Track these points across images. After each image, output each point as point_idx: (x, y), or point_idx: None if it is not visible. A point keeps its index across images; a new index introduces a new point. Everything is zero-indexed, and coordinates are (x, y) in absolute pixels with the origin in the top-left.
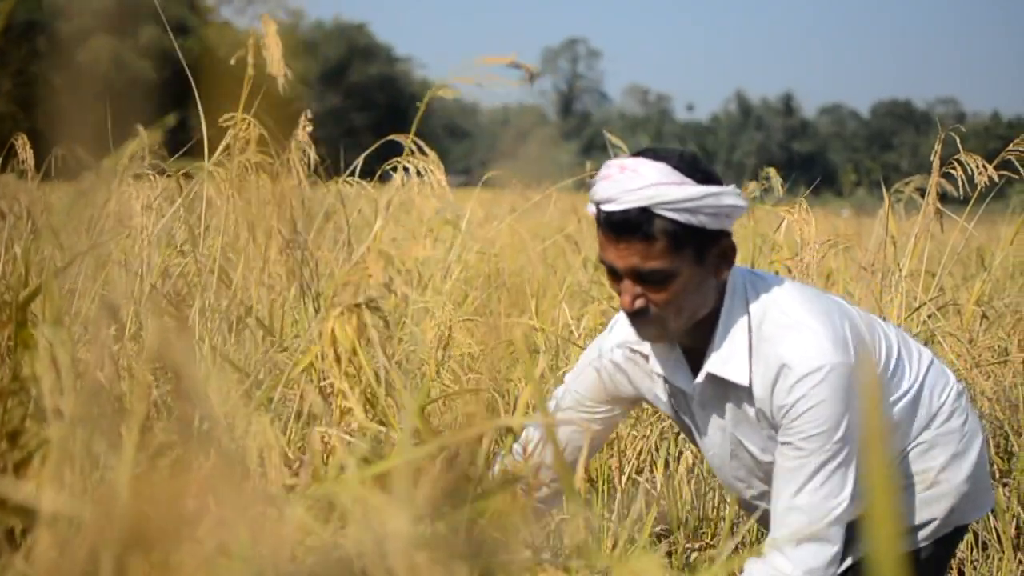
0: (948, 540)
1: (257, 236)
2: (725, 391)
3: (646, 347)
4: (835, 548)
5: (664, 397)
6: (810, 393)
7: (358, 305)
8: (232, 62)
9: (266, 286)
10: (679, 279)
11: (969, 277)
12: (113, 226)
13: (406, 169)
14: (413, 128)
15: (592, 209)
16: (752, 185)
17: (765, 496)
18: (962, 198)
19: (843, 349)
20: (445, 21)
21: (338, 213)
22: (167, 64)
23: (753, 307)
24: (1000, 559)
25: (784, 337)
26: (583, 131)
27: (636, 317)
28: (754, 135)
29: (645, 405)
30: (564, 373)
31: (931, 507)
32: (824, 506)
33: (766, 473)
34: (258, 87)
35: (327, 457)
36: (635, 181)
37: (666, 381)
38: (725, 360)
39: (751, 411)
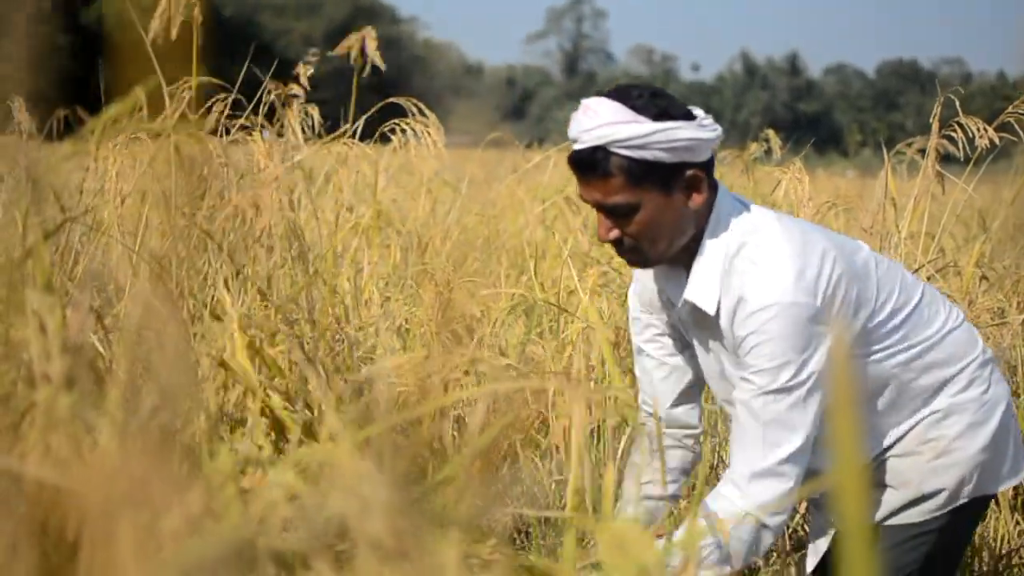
0: (967, 511)
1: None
2: (703, 317)
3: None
4: (789, 485)
5: (669, 310)
6: (761, 328)
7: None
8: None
9: (264, 247)
10: (644, 210)
11: (971, 239)
12: (108, 189)
13: (403, 131)
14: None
15: None
16: (753, 146)
17: None
18: (963, 159)
19: (807, 290)
20: None
21: (337, 174)
22: (171, 24)
23: (732, 238)
24: (997, 519)
25: (749, 271)
26: (588, 91)
27: (615, 247)
28: (759, 95)
29: None
30: (563, 336)
31: (941, 476)
32: (777, 442)
33: None
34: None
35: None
36: (591, 120)
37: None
38: (699, 288)
39: (723, 340)
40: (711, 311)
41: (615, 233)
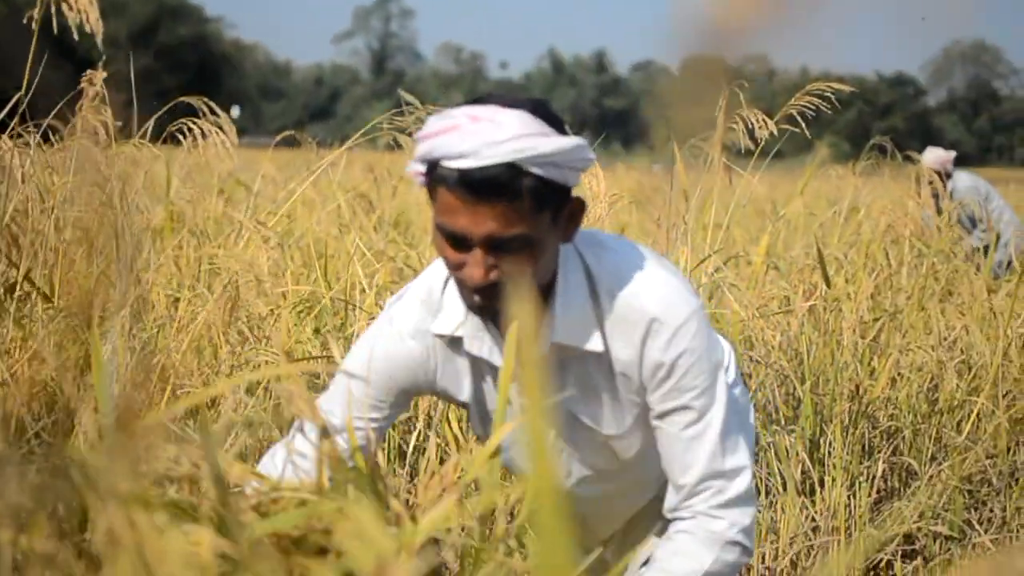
0: None
1: (52, 201)
2: (566, 364)
3: (452, 327)
4: (756, 506)
5: (468, 386)
6: (691, 344)
7: None
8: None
9: (55, 251)
10: (538, 245)
11: (765, 230)
12: None
13: (189, 130)
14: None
15: (418, 168)
16: None
17: (594, 480)
18: (764, 153)
19: (692, 290)
20: None
21: (132, 176)
22: None
23: (591, 266)
24: (782, 503)
25: (643, 291)
26: (396, 90)
27: (485, 292)
28: (567, 92)
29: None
30: (353, 333)
31: None
32: (737, 464)
33: (609, 451)
34: (60, 45)
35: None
36: (497, 133)
37: (478, 365)
38: (574, 328)
39: (602, 380)
40: (599, 348)
41: (496, 274)
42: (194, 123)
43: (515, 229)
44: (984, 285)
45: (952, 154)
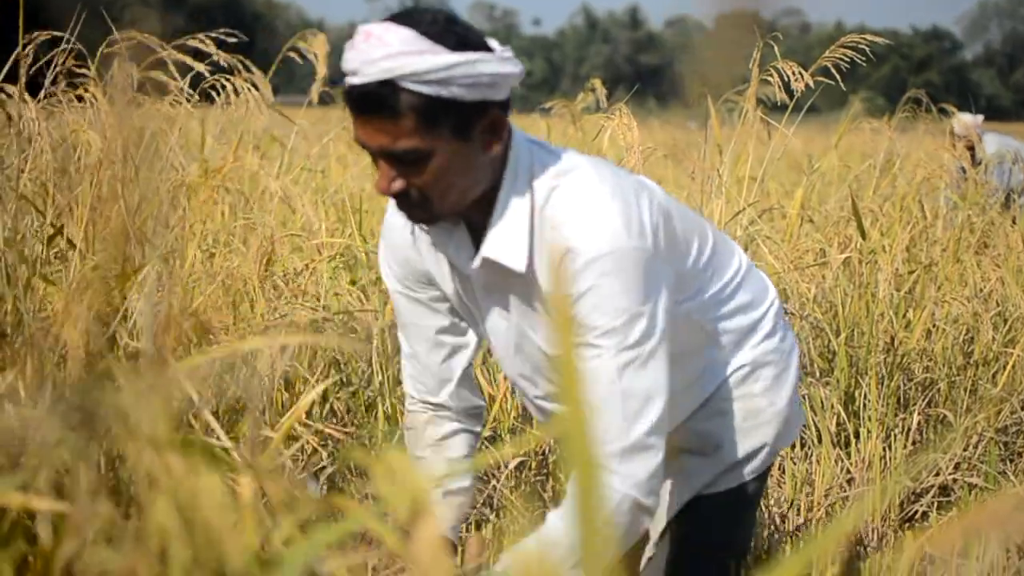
0: (771, 466)
1: (84, 157)
2: (506, 278)
3: None
4: (660, 456)
5: (448, 277)
6: (600, 281)
7: None
8: None
9: (86, 206)
10: (437, 158)
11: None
12: None
13: (223, 87)
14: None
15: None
16: (582, 96)
17: (551, 398)
18: (804, 106)
19: (639, 232)
20: None
21: (166, 133)
22: None
23: (538, 185)
24: (818, 455)
25: (571, 219)
26: None
27: (398, 200)
28: (601, 49)
29: None
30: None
31: (753, 437)
32: (640, 411)
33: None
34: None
35: None
36: (376, 51)
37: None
38: (502, 244)
39: (536, 301)
40: (520, 268)
41: (399, 184)
42: (227, 80)
43: (404, 144)
44: (1020, 237)
45: (980, 118)
